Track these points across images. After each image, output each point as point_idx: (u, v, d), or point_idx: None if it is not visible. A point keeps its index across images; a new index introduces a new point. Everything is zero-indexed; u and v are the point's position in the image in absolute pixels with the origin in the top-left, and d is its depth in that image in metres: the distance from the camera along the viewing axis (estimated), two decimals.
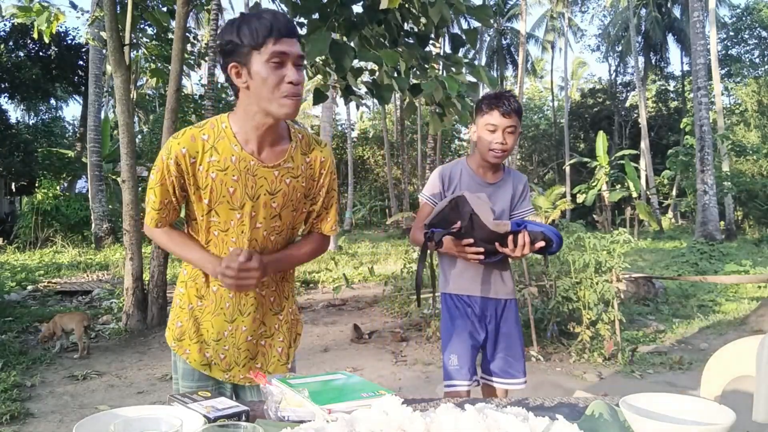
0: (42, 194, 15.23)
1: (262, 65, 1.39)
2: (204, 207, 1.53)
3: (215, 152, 1.49)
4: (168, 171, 1.49)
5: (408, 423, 0.90)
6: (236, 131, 1.50)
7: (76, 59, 18.41)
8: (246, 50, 1.40)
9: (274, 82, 1.40)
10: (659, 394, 1.05)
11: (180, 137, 1.49)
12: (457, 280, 2.20)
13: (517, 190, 2.24)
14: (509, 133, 2.10)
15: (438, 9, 4.65)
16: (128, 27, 6.67)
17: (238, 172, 1.49)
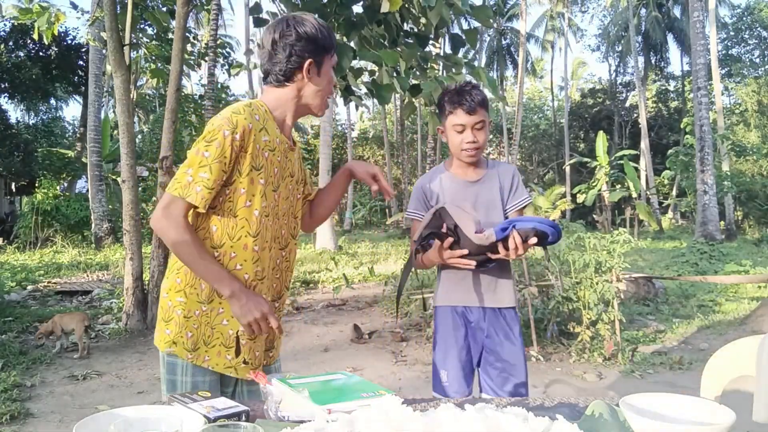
0: (42, 194, 15.22)
1: (329, 68, 1.60)
2: (261, 189, 1.51)
3: (266, 132, 1.53)
4: (231, 146, 1.44)
5: (408, 423, 0.90)
6: (276, 116, 1.59)
7: (76, 59, 18.41)
8: (323, 50, 1.56)
9: (332, 84, 1.63)
10: (659, 394, 1.05)
11: (242, 113, 1.48)
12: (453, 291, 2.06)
13: (505, 182, 2.09)
14: (478, 129, 1.99)
15: (438, 10, 4.65)
16: (128, 27, 6.67)
17: (280, 153, 1.57)
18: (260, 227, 1.53)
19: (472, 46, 6.17)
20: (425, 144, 25.38)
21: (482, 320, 2.03)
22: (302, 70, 1.54)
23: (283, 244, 1.66)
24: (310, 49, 1.53)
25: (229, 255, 1.52)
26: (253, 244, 1.53)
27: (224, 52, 12.34)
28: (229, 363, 1.56)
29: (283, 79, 1.55)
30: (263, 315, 1.48)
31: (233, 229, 1.51)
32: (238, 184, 1.49)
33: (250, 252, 1.53)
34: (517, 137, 25.85)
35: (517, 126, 25.51)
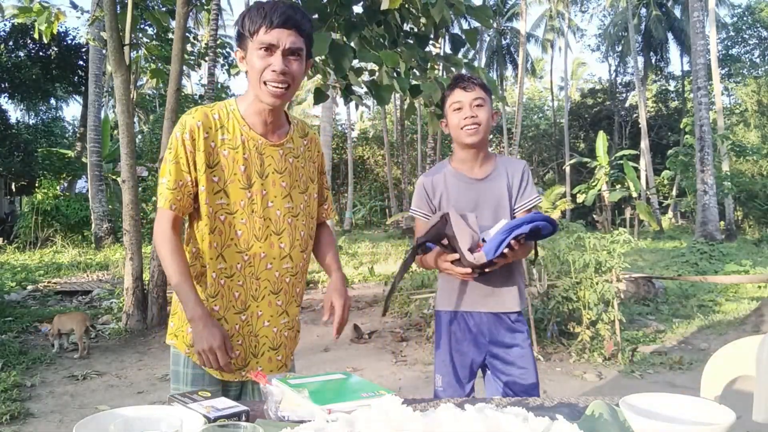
0: (42, 194, 15.22)
1: (253, 52, 1.48)
2: (214, 187, 1.52)
3: (226, 131, 1.54)
4: (183, 146, 1.49)
5: (408, 423, 0.90)
6: (243, 113, 1.56)
7: (76, 59, 18.40)
8: (245, 37, 1.49)
9: (259, 69, 1.47)
10: (659, 394, 1.05)
11: (193, 113, 1.53)
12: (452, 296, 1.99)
13: (514, 179, 1.99)
14: (477, 106, 1.92)
15: (438, 10, 4.65)
16: (128, 27, 6.67)
17: (248, 150, 1.54)
18: (216, 223, 1.53)
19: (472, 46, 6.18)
20: (425, 144, 25.37)
21: (483, 325, 1.96)
22: (238, 61, 1.55)
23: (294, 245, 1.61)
24: (237, 39, 1.53)
25: (199, 253, 1.56)
26: (211, 240, 1.53)
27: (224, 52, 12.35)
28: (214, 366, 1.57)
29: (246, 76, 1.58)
30: (210, 349, 1.46)
31: (200, 228, 1.55)
32: (200, 183, 1.52)
33: (213, 249, 1.54)
34: (517, 137, 25.87)
35: (517, 126, 25.52)
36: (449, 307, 2.00)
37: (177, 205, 1.51)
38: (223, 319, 1.56)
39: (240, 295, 1.56)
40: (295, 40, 1.48)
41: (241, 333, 1.58)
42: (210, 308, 1.54)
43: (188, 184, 1.51)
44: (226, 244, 1.54)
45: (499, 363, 1.97)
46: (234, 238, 1.54)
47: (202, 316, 1.48)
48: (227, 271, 1.55)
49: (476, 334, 1.97)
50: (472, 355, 1.98)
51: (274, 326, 1.61)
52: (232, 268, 1.55)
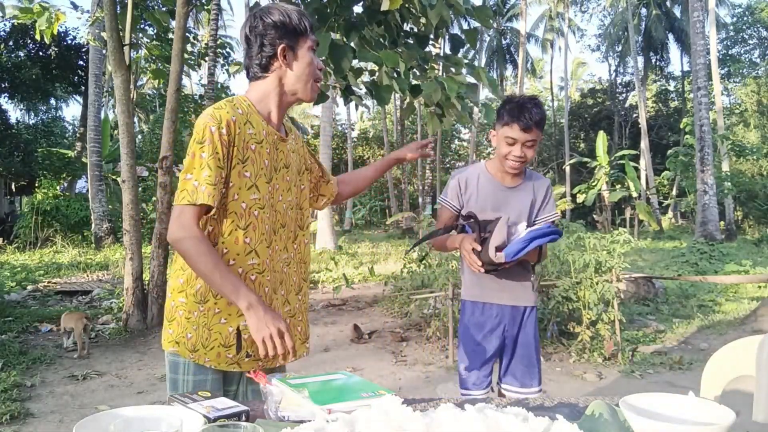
0: (42, 194, 15.21)
1: (306, 51, 1.57)
2: (247, 182, 1.51)
3: (251, 125, 1.54)
4: (221, 141, 1.46)
5: (408, 423, 0.90)
6: (259, 109, 1.59)
7: (76, 59, 18.40)
8: (296, 34, 1.55)
9: (315, 66, 1.59)
10: (659, 394, 1.05)
11: (224, 107, 1.50)
12: (475, 287, 2.17)
13: (538, 194, 2.18)
14: (528, 147, 2.05)
15: (438, 10, 4.65)
16: (128, 27, 6.67)
17: (269, 144, 1.57)
18: (251, 219, 1.52)
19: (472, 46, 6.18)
20: None
21: (501, 317, 2.14)
22: (277, 58, 1.54)
23: (289, 236, 1.65)
24: (281, 34, 1.53)
25: (221, 251, 1.51)
26: (243, 236, 1.52)
27: (224, 52, 12.34)
28: (231, 360, 1.56)
29: (261, 70, 1.56)
30: (279, 332, 1.42)
31: (224, 225, 1.51)
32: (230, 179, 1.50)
33: (242, 245, 1.52)
34: None
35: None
36: (471, 297, 2.19)
37: (217, 200, 1.46)
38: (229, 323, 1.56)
39: (268, 290, 1.58)
40: None
41: None
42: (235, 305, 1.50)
43: (222, 180, 1.48)
44: (259, 240, 1.54)
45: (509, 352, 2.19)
46: (265, 233, 1.55)
47: (259, 301, 1.45)
48: (259, 267, 1.55)
49: (498, 325, 2.15)
50: (494, 342, 2.16)
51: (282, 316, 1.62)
52: (263, 264, 1.55)
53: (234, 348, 1.55)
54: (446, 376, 4.55)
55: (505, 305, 2.14)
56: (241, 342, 1.55)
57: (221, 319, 1.54)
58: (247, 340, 1.55)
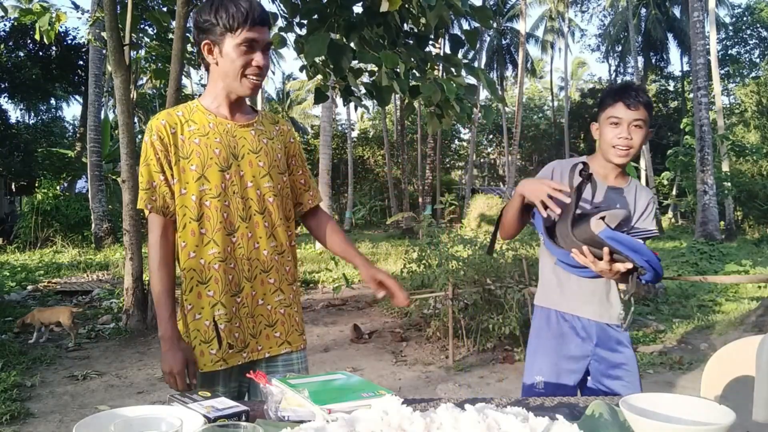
0: (42, 194, 15.21)
1: (233, 48, 1.53)
2: (194, 174, 1.54)
3: (192, 122, 1.59)
4: (153, 148, 1.54)
5: (408, 423, 0.90)
6: (207, 106, 1.62)
7: (76, 59, 18.41)
8: (220, 31, 1.52)
9: (241, 64, 1.54)
10: (659, 394, 1.05)
11: (157, 116, 1.59)
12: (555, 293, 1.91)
13: (639, 204, 1.91)
14: (636, 127, 1.80)
15: (438, 11, 4.65)
16: (128, 27, 6.67)
17: (218, 134, 1.59)
18: (202, 209, 1.55)
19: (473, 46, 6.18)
20: (425, 144, 25.37)
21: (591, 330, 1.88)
22: (205, 54, 1.58)
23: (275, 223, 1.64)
24: (206, 30, 1.55)
25: (180, 245, 1.57)
26: (199, 227, 1.55)
27: None
28: (216, 356, 1.56)
29: (205, 68, 1.63)
30: (170, 372, 1.51)
31: (179, 220, 1.57)
32: (174, 177, 1.56)
33: (198, 236, 1.55)
34: (517, 137, 25.87)
35: (517, 126, 25.52)
36: (548, 304, 1.93)
37: (152, 204, 1.55)
38: (219, 304, 1.55)
39: (233, 277, 1.58)
40: (268, 36, 1.57)
41: (238, 315, 1.58)
42: (204, 295, 1.55)
43: (161, 183, 1.55)
44: (215, 228, 1.55)
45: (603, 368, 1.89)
46: (222, 221, 1.56)
47: (170, 337, 1.52)
48: (220, 255, 1.56)
49: (583, 340, 1.88)
50: (579, 357, 1.88)
51: (268, 304, 1.63)
52: (223, 252, 1.56)
53: (215, 342, 1.56)
54: (446, 376, 4.55)
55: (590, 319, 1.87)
56: (220, 334, 1.56)
57: (195, 314, 1.56)
58: (224, 330, 1.56)
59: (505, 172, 32.50)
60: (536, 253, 5.98)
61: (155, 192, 1.55)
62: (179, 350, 1.52)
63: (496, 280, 5.34)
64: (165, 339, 1.52)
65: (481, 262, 5.50)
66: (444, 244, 5.91)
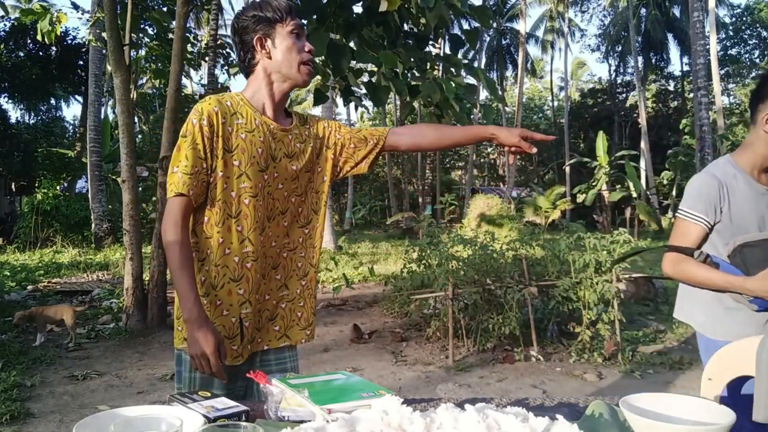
0: (42, 194, 15.21)
1: (286, 35, 1.58)
2: (236, 171, 1.53)
3: (240, 116, 1.57)
4: (201, 132, 1.50)
5: (408, 423, 0.90)
6: (252, 101, 1.61)
7: (76, 59, 18.41)
8: (270, 23, 1.57)
9: (297, 49, 1.59)
10: (659, 394, 1.05)
11: (208, 100, 1.55)
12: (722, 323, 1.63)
13: None
14: None
15: (437, 10, 4.65)
16: (128, 27, 6.67)
17: (262, 133, 1.58)
18: (241, 207, 1.54)
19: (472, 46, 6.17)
20: None
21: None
22: (257, 49, 1.58)
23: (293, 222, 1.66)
24: (254, 26, 1.58)
25: (217, 241, 1.54)
26: (235, 225, 1.54)
27: (224, 52, 12.35)
28: (236, 352, 1.57)
29: (247, 66, 1.62)
30: (203, 354, 1.45)
31: (217, 215, 1.54)
32: (216, 170, 1.53)
33: (235, 233, 1.54)
34: None
35: (517, 126, 25.51)
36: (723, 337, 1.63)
37: (194, 190, 1.50)
38: (247, 302, 1.57)
39: (258, 275, 1.59)
40: None
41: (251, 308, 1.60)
42: (234, 293, 1.55)
43: (203, 170, 1.51)
44: (251, 227, 1.55)
45: None
46: (258, 220, 1.56)
47: (198, 318, 1.47)
48: (253, 255, 1.56)
49: None
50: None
51: (274, 299, 1.65)
52: (256, 252, 1.56)
53: (238, 339, 1.57)
54: (446, 376, 4.55)
55: None
56: (244, 331, 1.57)
57: (223, 310, 1.56)
58: (248, 327, 1.57)
59: (505, 172, 32.50)
60: (536, 252, 5.98)
61: (197, 178, 1.50)
62: (209, 331, 1.47)
63: (496, 280, 5.34)
64: (192, 321, 1.46)
65: (481, 262, 5.50)
66: (444, 244, 5.91)
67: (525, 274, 5.21)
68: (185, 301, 1.48)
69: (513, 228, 14.69)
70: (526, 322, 5.17)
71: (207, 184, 1.53)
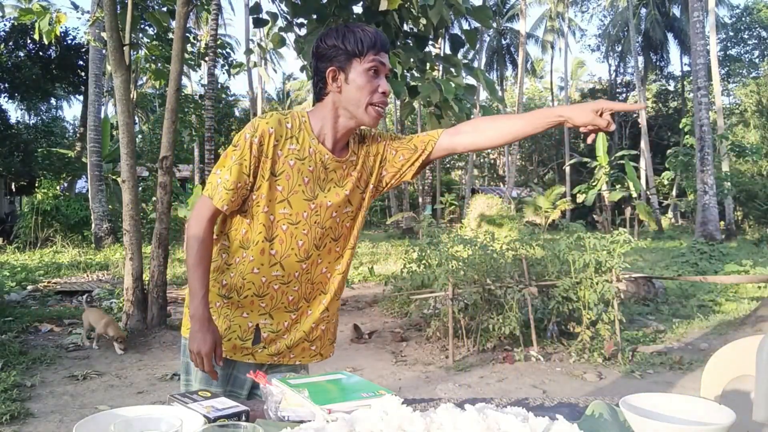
0: (42, 194, 15.20)
1: (361, 73, 1.49)
2: (277, 196, 1.51)
3: (296, 141, 1.53)
4: (250, 149, 1.47)
5: (408, 423, 0.90)
6: (314, 127, 1.55)
7: (76, 59, 18.40)
8: (347, 57, 1.48)
9: (369, 90, 1.49)
10: (659, 394, 1.05)
11: (268, 118, 1.51)
12: None
13: None
14: None
15: (437, 10, 4.65)
16: (128, 27, 6.67)
17: (314, 163, 1.53)
18: (277, 232, 1.52)
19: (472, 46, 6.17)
20: None
21: None
22: (328, 81, 1.52)
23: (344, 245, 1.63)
24: (331, 57, 1.51)
25: (248, 258, 1.54)
26: (269, 248, 1.53)
27: (224, 53, 12.36)
28: (246, 351, 1.57)
29: (318, 93, 1.57)
30: (199, 353, 1.48)
31: (253, 233, 1.53)
32: (260, 189, 1.51)
33: (267, 256, 1.53)
34: None
35: None
36: None
37: (230, 206, 1.50)
38: (267, 315, 1.56)
39: (294, 298, 1.58)
40: (389, 64, 1.54)
41: (288, 329, 1.59)
42: (257, 305, 1.55)
43: (245, 186, 1.49)
44: (286, 254, 1.53)
45: None
46: (295, 248, 1.53)
47: (201, 317, 1.49)
48: (283, 278, 1.55)
49: None
50: None
51: (314, 321, 1.62)
52: (289, 276, 1.55)
53: (250, 341, 1.57)
54: (446, 376, 4.55)
55: None
56: (260, 337, 1.57)
57: (243, 313, 1.57)
58: (266, 339, 1.57)
59: (505, 172, 32.49)
60: (536, 252, 5.98)
61: (237, 194, 1.49)
62: (209, 332, 1.49)
63: (496, 280, 5.34)
64: (196, 318, 1.49)
65: (481, 262, 5.50)
66: (444, 244, 5.92)
67: (525, 274, 5.21)
68: (193, 298, 1.50)
69: (513, 228, 14.69)
70: (526, 322, 5.17)
71: (245, 198, 1.52)
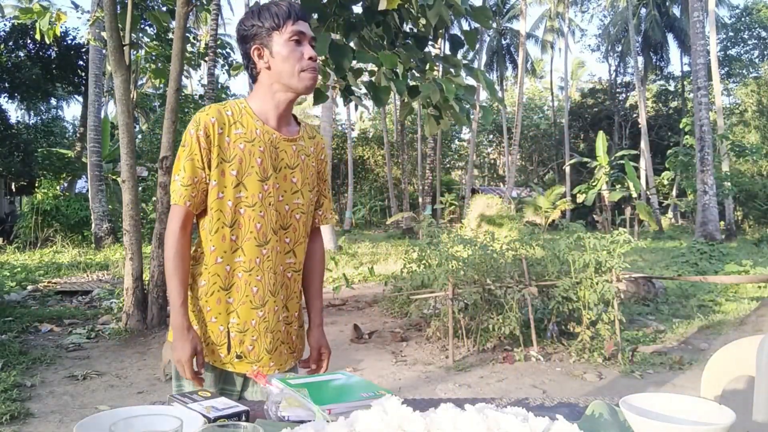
0: (42, 194, 15.21)
1: (283, 44, 1.53)
2: (233, 180, 1.53)
3: (240, 125, 1.56)
4: (198, 143, 1.51)
5: (408, 423, 0.90)
6: (255, 109, 1.59)
7: (76, 59, 18.39)
8: (267, 32, 1.53)
9: (295, 58, 1.53)
10: (659, 394, 1.05)
11: (207, 110, 1.55)
12: None
13: None
14: None
15: (437, 10, 4.65)
16: (128, 27, 6.67)
17: (263, 143, 1.56)
18: (236, 216, 1.54)
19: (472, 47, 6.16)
20: (425, 144, 25.36)
21: None
22: (256, 60, 1.56)
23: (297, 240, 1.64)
24: (252, 35, 1.55)
25: (209, 249, 1.56)
26: (230, 234, 1.55)
27: (224, 53, 12.36)
28: (224, 359, 1.57)
29: (252, 75, 1.60)
30: (179, 361, 1.51)
31: (211, 223, 1.56)
32: (215, 177, 1.53)
33: (228, 243, 1.55)
34: (517, 137, 25.86)
35: (517, 126, 25.51)
36: None
37: (191, 201, 1.53)
38: (234, 313, 1.56)
39: (258, 290, 1.57)
40: (311, 32, 1.58)
41: (257, 329, 1.57)
42: (223, 301, 1.56)
43: (203, 180, 1.53)
44: (245, 237, 1.55)
45: None
46: (253, 231, 1.55)
47: (180, 326, 1.52)
48: (245, 265, 1.55)
49: None
50: None
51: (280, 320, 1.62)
52: (251, 262, 1.56)
53: (225, 347, 1.57)
54: (446, 376, 4.55)
55: None
56: (230, 342, 1.57)
57: (212, 317, 1.57)
58: (234, 339, 1.57)
59: (505, 172, 32.50)
60: (536, 252, 5.98)
61: (196, 188, 1.53)
62: (187, 340, 1.51)
63: (496, 280, 5.34)
64: (176, 328, 1.53)
65: (481, 262, 5.50)
66: (444, 244, 5.92)
67: (525, 274, 5.21)
68: (173, 308, 1.54)
69: (513, 228, 14.69)
70: (526, 322, 5.17)
71: (206, 193, 1.55)
